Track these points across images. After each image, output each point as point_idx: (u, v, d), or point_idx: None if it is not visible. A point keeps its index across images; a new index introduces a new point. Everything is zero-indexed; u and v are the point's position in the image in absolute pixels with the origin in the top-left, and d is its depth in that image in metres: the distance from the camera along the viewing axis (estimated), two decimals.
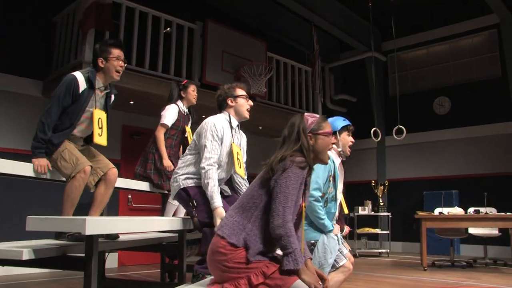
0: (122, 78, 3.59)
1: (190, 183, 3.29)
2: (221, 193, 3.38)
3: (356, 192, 11.38)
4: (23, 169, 3.12)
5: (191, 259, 4.09)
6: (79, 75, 3.29)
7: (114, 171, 3.46)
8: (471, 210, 7.66)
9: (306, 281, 2.14)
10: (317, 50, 9.53)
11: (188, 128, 4.84)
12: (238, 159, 3.41)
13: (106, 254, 4.28)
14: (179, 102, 4.79)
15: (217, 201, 3.13)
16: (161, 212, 4.91)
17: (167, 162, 4.53)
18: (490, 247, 8.41)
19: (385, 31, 11.24)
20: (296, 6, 9.36)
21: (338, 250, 3.25)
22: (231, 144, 3.37)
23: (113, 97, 3.60)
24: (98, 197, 3.42)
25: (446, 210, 7.52)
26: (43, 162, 3.15)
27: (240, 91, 3.48)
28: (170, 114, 4.65)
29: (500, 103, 9.90)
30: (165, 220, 3.35)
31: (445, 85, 10.92)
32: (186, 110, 4.85)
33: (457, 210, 7.44)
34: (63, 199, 3.21)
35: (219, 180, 3.35)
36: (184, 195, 3.30)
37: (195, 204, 3.23)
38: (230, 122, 3.40)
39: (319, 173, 3.14)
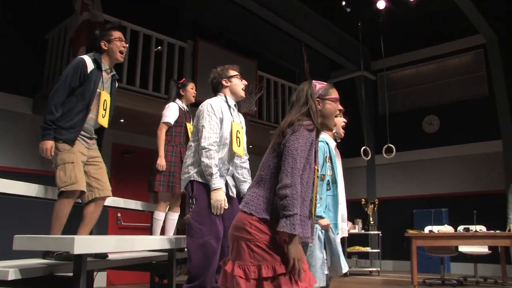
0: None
1: (197, 177, 3.26)
2: (227, 194, 3.38)
3: (346, 210, 11.37)
4: (12, 187, 3.09)
5: (180, 278, 4.06)
6: (86, 57, 3.35)
7: (108, 197, 3.47)
8: (460, 228, 7.68)
9: (291, 252, 2.10)
10: (307, 69, 9.61)
11: (190, 125, 4.83)
12: (238, 137, 3.43)
13: (95, 273, 4.23)
14: (178, 101, 4.82)
15: (217, 182, 3.15)
16: (149, 230, 4.87)
17: (161, 161, 4.51)
18: (480, 265, 8.42)
19: (374, 50, 11.37)
20: (287, 25, 9.45)
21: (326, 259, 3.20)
22: (232, 122, 3.41)
23: (116, 83, 3.66)
24: (87, 216, 3.39)
25: (436, 228, 7.53)
26: (48, 145, 3.15)
27: (233, 72, 3.58)
28: (171, 112, 4.67)
29: (488, 121, 10.01)
30: (154, 239, 3.33)
31: (434, 104, 11.03)
32: (186, 108, 4.87)
33: (447, 228, 7.46)
34: (52, 218, 3.18)
35: (227, 160, 3.37)
36: (189, 189, 3.27)
37: (194, 202, 3.20)
38: (227, 102, 3.47)
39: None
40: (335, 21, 10.55)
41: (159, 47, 7.39)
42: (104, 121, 3.49)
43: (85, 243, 2.23)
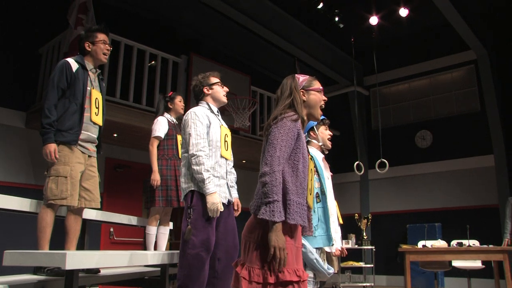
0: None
1: (196, 187, 3.23)
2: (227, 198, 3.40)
3: (338, 221, 11.35)
4: (4, 202, 3.07)
5: None
6: (68, 59, 3.41)
7: (101, 212, 3.50)
8: (454, 243, 7.67)
9: (272, 240, 2.05)
10: None
11: (180, 137, 4.83)
12: (226, 141, 3.46)
13: None
14: (166, 114, 4.82)
15: (211, 187, 3.15)
16: (143, 245, 4.83)
17: (154, 176, 4.50)
18: (474, 280, 8.41)
19: (367, 65, 11.47)
20: (280, 40, 9.52)
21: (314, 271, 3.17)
22: (220, 126, 3.45)
23: (103, 82, 3.71)
24: (71, 229, 3.38)
25: (429, 243, 7.52)
26: (51, 148, 3.15)
27: (214, 79, 3.62)
28: (160, 126, 4.67)
29: (480, 136, 10.07)
30: (147, 254, 3.31)
31: (426, 119, 11.10)
32: (175, 120, 4.87)
33: (441, 243, 7.45)
34: (37, 232, 3.17)
35: (220, 164, 3.37)
36: (188, 199, 3.25)
37: (191, 213, 3.18)
38: (210, 109, 3.51)
39: None
40: (328, 36, 10.64)
41: (153, 62, 7.41)
42: (98, 119, 3.50)
43: (77, 259, 2.21)
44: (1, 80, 6.60)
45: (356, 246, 9.88)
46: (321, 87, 2.54)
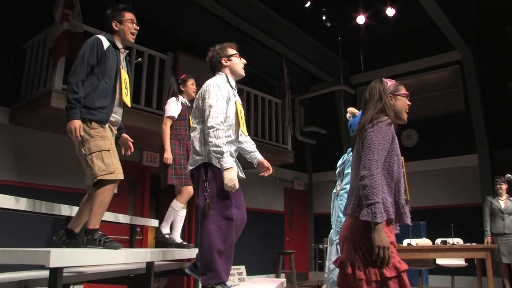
0: None
1: (210, 159, 3.15)
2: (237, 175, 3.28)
3: (325, 223, 11.41)
4: None
5: None
6: (100, 36, 3.30)
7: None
8: (438, 241, 7.75)
9: (375, 240, 2.16)
10: (287, 82, 9.66)
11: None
12: (241, 117, 3.38)
13: (71, 287, 4.16)
14: (179, 96, 4.81)
15: (229, 161, 3.03)
16: (129, 243, 4.80)
17: (167, 154, 4.47)
18: (457, 278, 8.50)
19: (354, 64, 11.51)
20: (267, 39, 9.53)
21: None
22: (236, 103, 3.35)
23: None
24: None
25: (414, 241, 7.59)
26: (76, 124, 3.02)
27: (232, 50, 3.51)
28: (173, 106, 4.66)
29: (464, 136, 10.18)
30: (132, 252, 3.29)
31: (412, 118, 11.07)
32: (187, 102, 4.84)
33: (425, 241, 7.51)
34: (94, 206, 3.08)
35: (231, 142, 3.28)
36: (202, 172, 3.15)
37: (207, 186, 3.10)
38: (229, 82, 3.39)
39: None
40: (315, 35, 10.66)
41: (140, 59, 7.36)
42: (127, 100, 3.43)
43: (61, 256, 2.19)
44: None
45: None
46: (407, 92, 2.62)
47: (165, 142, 4.54)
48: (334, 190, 3.90)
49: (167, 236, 4.54)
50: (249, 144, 3.57)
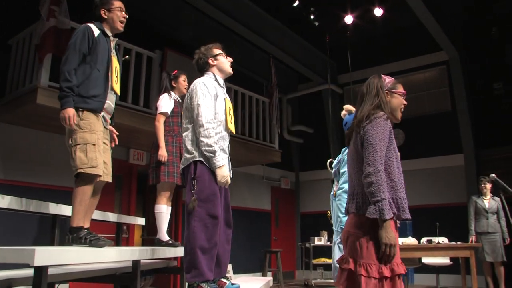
0: None
1: (201, 157, 3.17)
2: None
3: (312, 222, 11.48)
4: None
5: None
6: (89, 24, 3.28)
7: (107, 182, 3.41)
8: (424, 240, 7.82)
9: (383, 238, 2.16)
10: (274, 81, 9.67)
11: None
12: (230, 114, 3.42)
13: (56, 285, 4.13)
14: (171, 92, 4.79)
15: (221, 159, 3.11)
16: (115, 241, 4.77)
17: (162, 151, 4.44)
18: (442, 276, 8.59)
19: (341, 64, 11.55)
20: (255, 37, 9.52)
21: None
22: (225, 99, 3.39)
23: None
24: (91, 200, 3.28)
25: (400, 240, 7.64)
26: (70, 112, 3.01)
27: (217, 50, 3.57)
28: (165, 102, 4.65)
29: (450, 136, 10.27)
30: (119, 250, 3.27)
31: None
32: (179, 99, 4.83)
33: (411, 240, 7.57)
34: (75, 204, 3.08)
35: (223, 137, 3.33)
36: (192, 170, 3.18)
37: (196, 184, 3.13)
38: (217, 81, 3.43)
39: None
40: (303, 34, 10.68)
41: (127, 56, 7.31)
42: (117, 88, 3.43)
43: (46, 255, 2.17)
44: None
45: (329, 243, 9.97)
46: (404, 91, 2.62)
47: (160, 139, 4.50)
48: (332, 192, 3.92)
49: (170, 241, 4.53)
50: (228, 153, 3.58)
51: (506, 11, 9.65)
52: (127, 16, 3.50)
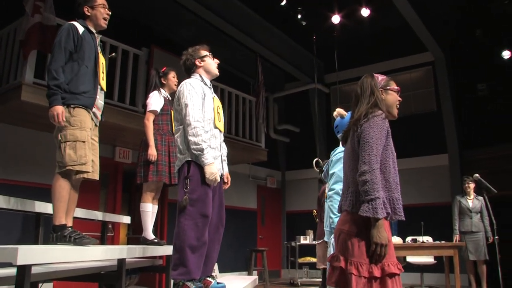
0: None
1: (194, 157, 3.20)
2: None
3: (297, 221, 11.51)
4: None
5: None
6: (73, 22, 3.27)
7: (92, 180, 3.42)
8: (409, 239, 7.88)
9: (374, 237, 2.15)
10: (261, 80, 9.68)
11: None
12: (218, 112, 3.46)
13: (40, 285, 4.08)
14: (161, 89, 4.75)
15: (209, 157, 3.14)
16: (100, 239, 4.73)
17: (152, 150, 4.39)
18: (426, 275, 8.66)
19: (328, 63, 11.59)
20: (242, 36, 9.51)
21: None
22: (213, 98, 3.44)
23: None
24: (70, 200, 3.25)
25: None
26: (58, 110, 3.00)
27: (204, 52, 3.60)
28: (155, 100, 4.59)
29: (436, 136, 10.36)
30: (104, 249, 3.25)
31: None
32: (168, 96, 4.79)
33: (396, 239, 7.62)
34: (54, 201, 3.07)
35: (214, 135, 3.36)
36: (185, 169, 3.21)
37: (188, 183, 3.15)
38: (203, 81, 3.47)
39: (341, 166, 3.24)
40: (290, 33, 10.70)
41: (113, 54, 7.26)
42: (104, 84, 3.44)
43: (29, 253, 2.14)
44: None
45: (314, 242, 10.00)
46: (398, 88, 2.64)
47: (149, 138, 4.45)
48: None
49: (156, 240, 4.51)
50: (223, 151, 3.60)
51: (492, 12, 9.75)
52: (110, 13, 3.50)
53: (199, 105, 3.27)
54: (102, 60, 3.42)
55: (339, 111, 4.13)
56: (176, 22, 9.24)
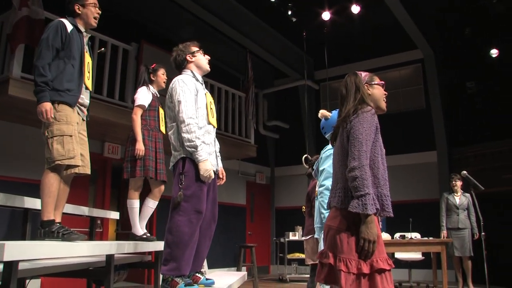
0: None
1: (188, 154, 3.20)
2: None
3: (286, 217, 11.53)
4: None
5: (118, 285, 3.95)
6: (62, 19, 3.25)
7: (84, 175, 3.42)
8: (397, 235, 7.93)
9: (363, 233, 2.14)
10: (251, 76, 9.66)
11: (162, 110, 4.71)
12: (211, 108, 3.45)
13: (27, 281, 4.05)
14: (150, 86, 4.72)
15: (203, 154, 3.14)
16: (88, 234, 4.71)
17: (139, 145, 4.37)
18: (414, 271, 8.73)
19: (318, 60, 11.60)
20: (232, 32, 9.49)
21: None
22: (205, 94, 3.42)
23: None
24: (60, 195, 3.24)
25: None
26: (47, 106, 3.00)
27: (195, 47, 3.58)
28: (143, 95, 4.56)
29: (424, 133, 10.43)
30: (92, 244, 3.23)
31: None
32: (157, 93, 4.76)
33: (385, 236, 7.66)
34: (43, 196, 3.05)
35: (208, 131, 3.35)
36: (180, 166, 3.21)
37: (183, 179, 3.16)
38: (195, 77, 3.46)
39: (330, 162, 3.24)
40: (281, 30, 10.69)
41: (103, 49, 7.21)
42: (89, 83, 3.42)
43: (16, 249, 2.12)
44: None
45: (303, 238, 10.03)
46: (382, 82, 2.65)
47: (137, 133, 4.43)
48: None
49: (145, 236, 4.50)
50: (216, 147, 3.60)
51: (481, 11, 9.81)
52: (100, 12, 3.49)
53: (192, 101, 3.26)
54: (88, 60, 3.40)
55: (322, 112, 4.17)
56: (166, 17, 9.20)
